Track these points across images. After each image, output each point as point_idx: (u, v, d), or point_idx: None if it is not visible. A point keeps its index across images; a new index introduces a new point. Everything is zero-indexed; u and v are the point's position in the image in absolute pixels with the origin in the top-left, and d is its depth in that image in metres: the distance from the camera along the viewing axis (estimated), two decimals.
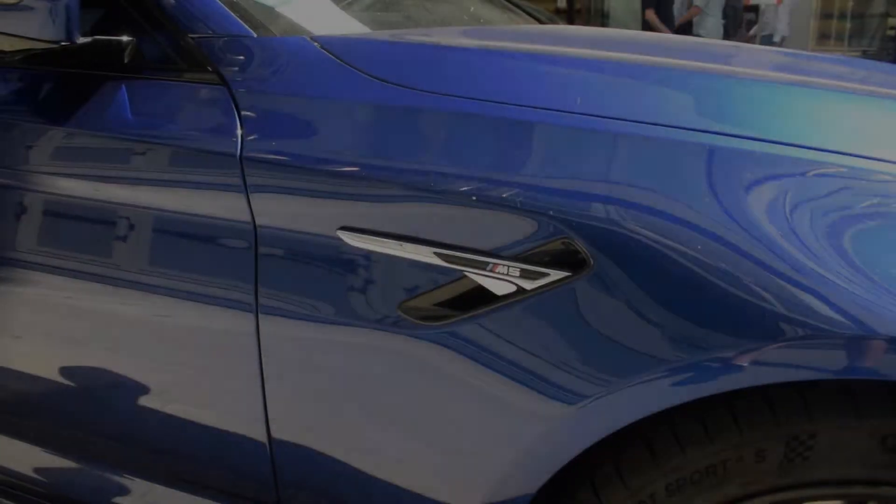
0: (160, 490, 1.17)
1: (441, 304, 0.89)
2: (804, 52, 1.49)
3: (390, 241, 0.90)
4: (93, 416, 1.18)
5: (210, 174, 0.98)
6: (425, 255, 0.89)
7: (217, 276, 1.00)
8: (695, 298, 0.78)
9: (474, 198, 0.86)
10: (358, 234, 0.91)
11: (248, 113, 0.98)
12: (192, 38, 1.04)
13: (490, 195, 0.86)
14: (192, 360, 1.06)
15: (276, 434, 1.03)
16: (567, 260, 0.83)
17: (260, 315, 0.98)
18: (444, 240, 0.88)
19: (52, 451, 1.25)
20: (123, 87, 1.06)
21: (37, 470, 1.28)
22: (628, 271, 0.81)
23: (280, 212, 0.95)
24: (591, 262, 0.82)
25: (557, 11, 8.45)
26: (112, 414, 1.16)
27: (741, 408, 0.85)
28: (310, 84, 0.98)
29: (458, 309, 0.88)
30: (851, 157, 0.81)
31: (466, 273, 0.87)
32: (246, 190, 0.96)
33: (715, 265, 0.78)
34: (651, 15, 6.94)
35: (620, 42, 1.38)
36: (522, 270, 0.85)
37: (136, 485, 1.18)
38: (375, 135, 0.93)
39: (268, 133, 0.96)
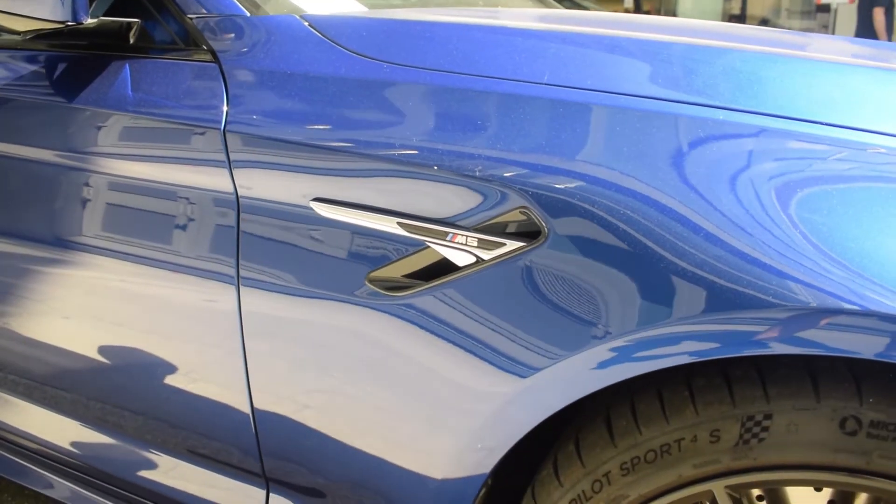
0: (182, 464, 1.21)
1: (406, 275, 0.90)
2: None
3: (358, 211, 0.92)
4: (100, 387, 1.24)
5: (198, 147, 1.02)
6: (390, 225, 0.90)
7: (202, 249, 1.03)
8: (645, 271, 0.77)
9: (436, 168, 0.87)
10: (329, 206, 0.93)
11: (235, 88, 1.01)
12: (191, 18, 1.08)
13: (451, 166, 0.86)
14: (182, 333, 1.10)
15: (258, 405, 1.06)
16: (523, 230, 0.83)
17: (241, 287, 1.01)
18: (407, 210, 0.89)
19: (83, 423, 1.31)
20: (127, 66, 1.11)
21: (72, 443, 1.35)
22: (582, 242, 0.80)
23: (259, 183, 0.98)
24: (546, 233, 0.82)
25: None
26: (115, 385, 1.22)
27: (699, 386, 0.83)
28: (292, 60, 1.01)
29: (421, 279, 0.89)
30: (819, 126, 0.78)
31: (428, 243, 0.88)
32: (229, 162, 0.99)
33: (666, 237, 0.76)
34: (879, 15, 6.38)
35: (623, 23, 1.36)
36: (480, 240, 0.85)
37: (158, 458, 1.23)
38: (348, 108, 0.95)
39: (250, 108, 0.99)
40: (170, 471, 1.23)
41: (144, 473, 1.25)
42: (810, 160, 0.75)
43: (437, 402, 0.92)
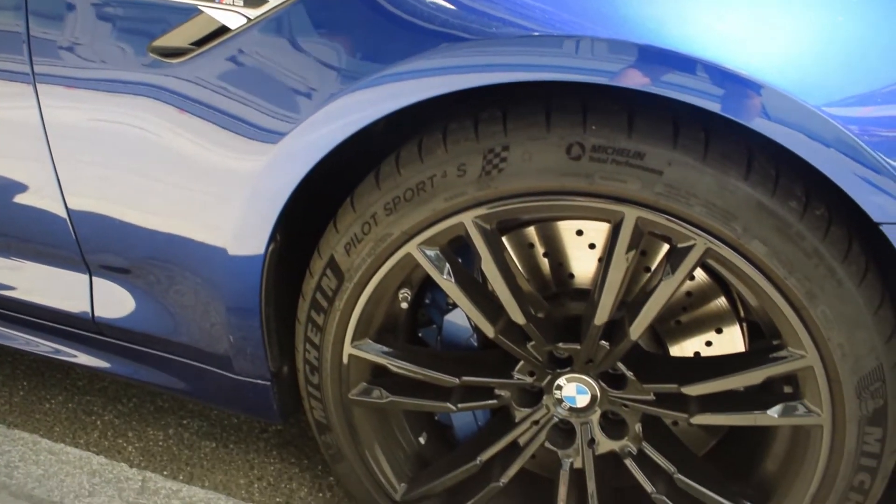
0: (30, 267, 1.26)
1: (185, 42, 0.93)
2: None
3: None
4: None
5: None
6: None
7: None
8: (376, 23, 0.83)
9: None
10: None
11: None
12: None
13: None
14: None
15: (71, 206, 1.11)
16: None
17: (38, 85, 1.03)
18: None
19: None
20: None
21: None
22: None
23: None
24: None
25: None
26: None
27: (452, 129, 0.90)
28: None
29: (198, 44, 0.93)
30: None
31: (201, 7, 0.91)
32: None
33: None
34: None
35: None
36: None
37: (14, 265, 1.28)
38: None
39: None
40: (21, 276, 1.27)
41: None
42: None
43: (214, 173, 0.97)
